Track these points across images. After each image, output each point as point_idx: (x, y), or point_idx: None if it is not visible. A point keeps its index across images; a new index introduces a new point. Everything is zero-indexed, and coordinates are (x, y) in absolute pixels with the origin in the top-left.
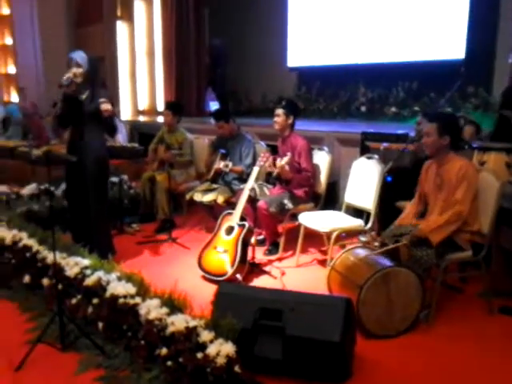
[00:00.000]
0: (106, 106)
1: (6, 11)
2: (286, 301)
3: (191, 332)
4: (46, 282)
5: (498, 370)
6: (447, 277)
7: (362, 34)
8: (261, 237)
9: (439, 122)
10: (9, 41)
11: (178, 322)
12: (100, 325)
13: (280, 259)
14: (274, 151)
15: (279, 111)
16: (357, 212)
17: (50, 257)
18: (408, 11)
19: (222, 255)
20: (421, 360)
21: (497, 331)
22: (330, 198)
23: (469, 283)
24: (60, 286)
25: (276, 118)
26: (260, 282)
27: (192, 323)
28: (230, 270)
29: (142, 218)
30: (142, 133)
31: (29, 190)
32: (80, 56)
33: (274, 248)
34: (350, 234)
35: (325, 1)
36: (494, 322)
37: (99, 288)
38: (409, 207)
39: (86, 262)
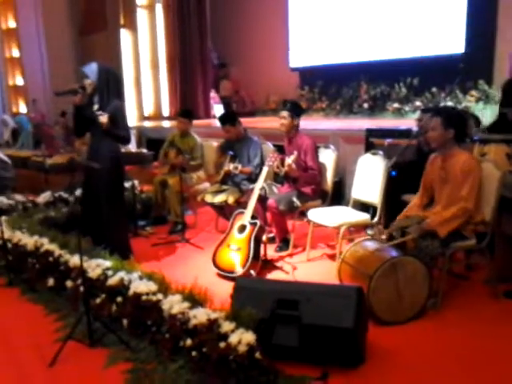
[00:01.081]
0: (101, 119)
1: (13, 24)
2: (301, 291)
3: (213, 323)
4: (69, 284)
5: (506, 351)
6: (453, 265)
7: (362, 33)
8: (271, 234)
9: (443, 115)
10: (16, 53)
11: (199, 315)
12: (125, 321)
13: (291, 255)
14: (280, 151)
15: (284, 113)
16: (363, 207)
17: (72, 260)
18: (407, 8)
19: (235, 253)
20: (430, 345)
21: (502, 315)
22: (337, 195)
23: (474, 271)
24: (83, 287)
25: (282, 121)
26: (273, 277)
27: (213, 315)
28: (240, 270)
29: (154, 221)
30: (149, 138)
31: (44, 197)
32: (89, 67)
33: (284, 245)
34: (358, 228)
35: (324, 2)
36: (499, 306)
37: (122, 287)
38: (414, 199)
39: (107, 263)
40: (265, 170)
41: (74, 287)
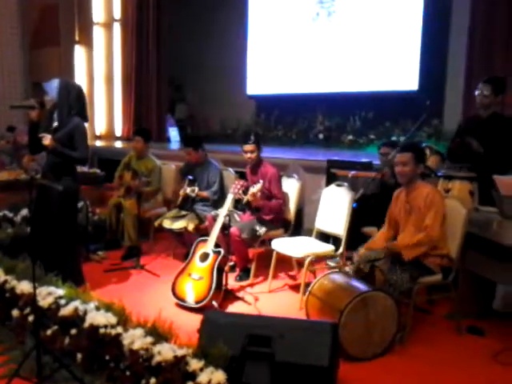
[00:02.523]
0: (44, 141)
1: None
2: (274, 327)
3: (180, 361)
4: (16, 313)
5: None
6: (417, 300)
7: (320, 65)
8: (231, 263)
9: (415, 151)
10: None
11: (164, 352)
12: (79, 356)
13: (251, 285)
14: (241, 177)
15: (251, 147)
16: (323, 238)
17: (19, 286)
18: (364, 44)
19: (196, 283)
20: (397, 381)
21: (466, 350)
22: (296, 224)
23: (436, 305)
24: (32, 318)
25: (249, 154)
26: (235, 308)
27: (180, 352)
28: (201, 301)
29: (107, 245)
30: (100, 158)
31: None
32: (50, 84)
33: (244, 274)
34: (318, 258)
35: (283, 32)
36: (462, 342)
37: (77, 318)
38: (380, 233)
39: (60, 291)
40: (230, 197)
41: (21, 317)
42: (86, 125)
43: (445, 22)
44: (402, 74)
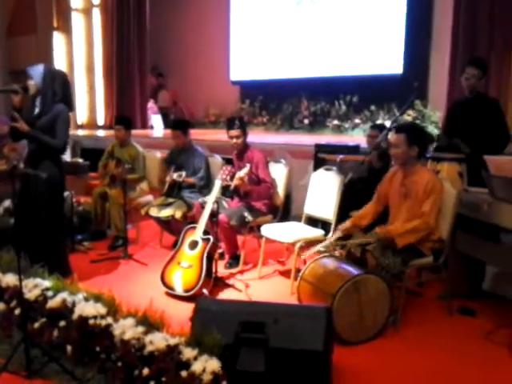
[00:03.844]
0: (18, 126)
1: None
2: (267, 313)
3: (173, 350)
4: (1, 306)
5: (464, 368)
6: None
7: (304, 49)
8: (220, 250)
9: (407, 132)
10: None
11: (157, 341)
12: (68, 348)
13: (241, 272)
14: (228, 164)
15: (236, 132)
16: (312, 222)
17: (4, 279)
18: (348, 28)
19: (186, 271)
20: (392, 364)
21: (459, 330)
22: (284, 210)
23: (425, 287)
24: (19, 310)
25: (235, 140)
26: (225, 295)
27: (172, 341)
28: (191, 289)
29: (92, 236)
30: (83, 147)
31: None
32: (35, 69)
33: (234, 261)
34: (307, 244)
35: (266, 16)
36: (454, 323)
37: (65, 310)
38: (367, 207)
39: (46, 283)
40: (218, 183)
41: (8, 310)
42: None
43: (428, 4)
44: (386, 58)
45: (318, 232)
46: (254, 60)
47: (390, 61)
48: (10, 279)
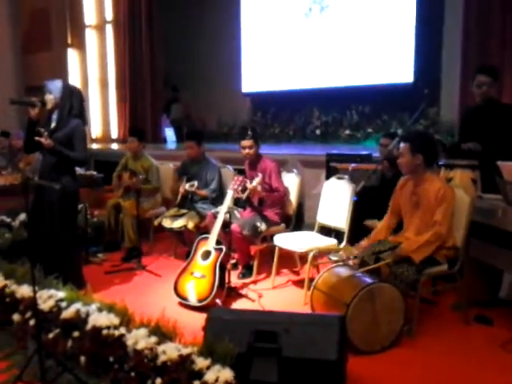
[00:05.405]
0: (42, 139)
1: None
2: (280, 322)
3: (185, 360)
4: (16, 317)
5: (478, 377)
6: (422, 291)
7: (315, 60)
8: (233, 260)
9: (410, 141)
10: None
11: (169, 351)
12: (82, 359)
13: (255, 282)
14: (241, 174)
15: (249, 142)
16: (325, 232)
17: (19, 291)
18: (358, 37)
19: (199, 281)
20: (407, 374)
21: (474, 340)
22: (297, 220)
23: (441, 296)
24: (33, 321)
25: (247, 150)
26: (238, 305)
27: (185, 351)
28: (204, 300)
29: (106, 247)
30: (97, 160)
31: None
32: (54, 83)
33: (247, 271)
34: (320, 253)
35: (276, 28)
36: (470, 331)
37: (78, 320)
38: (382, 222)
39: (60, 294)
40: (229, 193)
41: (23, 321)
42: None
43: (439, 11)
44: (396, 67)
45: (330, 241)
46: (266, 72)
47: (400, 70)
48: (25, 290)
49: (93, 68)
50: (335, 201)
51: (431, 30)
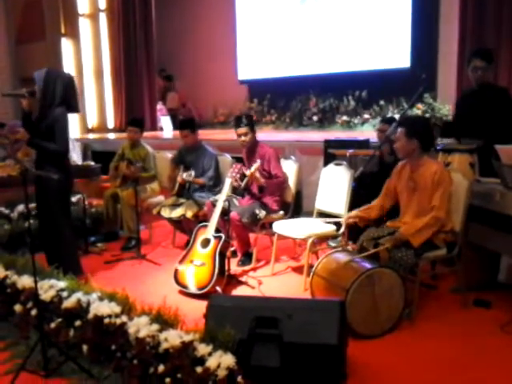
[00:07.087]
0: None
1: None
2: (280, 308)
3: (187, 347)
4: (18, 308)
5: (477, 360)
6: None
7: (311, 46)
8: (232, 248)
9: (406, 126)
10: None
11: (171, 338)
12: (84, 347)
13: (254, 269)
14: (239, 162)
15: (244, 129)
16: (323, 217)
17: (20, 281)
18: (354, 23)
19: (199, 269)
20: (407, 357)
21: (473, 323)
22: (295, 207)
23: (440, 280)
24: (35, 311)
25: (243, 138)
26: (238, 292)
27: (187, 338)
28: (205, 287)
29: (105, 237)
30: (94, 150)
31: None
32: (39, 73)
33: (246, 259)
34: (319, 240)
35: (272, 15)
36: (469, 315)
37: (80, 310)
38: (376, 201)
39: (61, 283)
40: (228, 181)
41: (24, 312)
42: (78, 117)
43: None
44: (393, 52)
45: (329, 227)
46: (261, 59)
47: (397, 55)
48: (26, 281)
49: (87, 57)
50: (333, 187)
51: (428, 14)
